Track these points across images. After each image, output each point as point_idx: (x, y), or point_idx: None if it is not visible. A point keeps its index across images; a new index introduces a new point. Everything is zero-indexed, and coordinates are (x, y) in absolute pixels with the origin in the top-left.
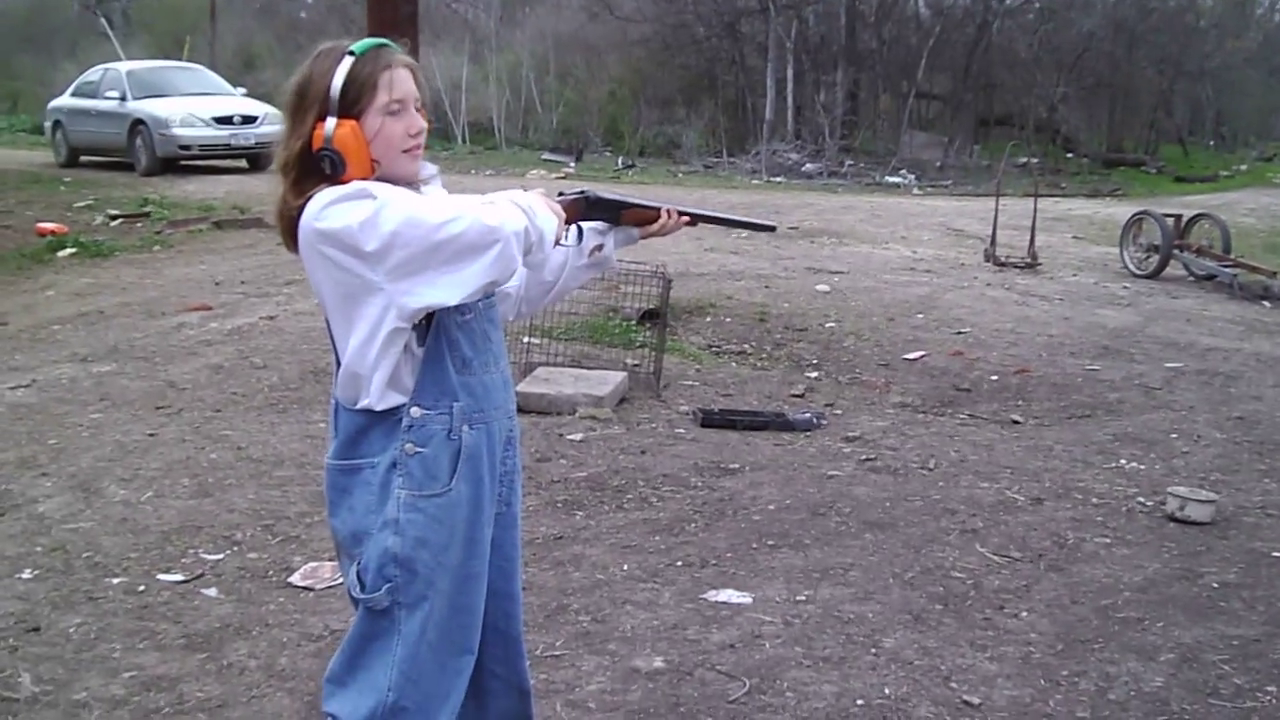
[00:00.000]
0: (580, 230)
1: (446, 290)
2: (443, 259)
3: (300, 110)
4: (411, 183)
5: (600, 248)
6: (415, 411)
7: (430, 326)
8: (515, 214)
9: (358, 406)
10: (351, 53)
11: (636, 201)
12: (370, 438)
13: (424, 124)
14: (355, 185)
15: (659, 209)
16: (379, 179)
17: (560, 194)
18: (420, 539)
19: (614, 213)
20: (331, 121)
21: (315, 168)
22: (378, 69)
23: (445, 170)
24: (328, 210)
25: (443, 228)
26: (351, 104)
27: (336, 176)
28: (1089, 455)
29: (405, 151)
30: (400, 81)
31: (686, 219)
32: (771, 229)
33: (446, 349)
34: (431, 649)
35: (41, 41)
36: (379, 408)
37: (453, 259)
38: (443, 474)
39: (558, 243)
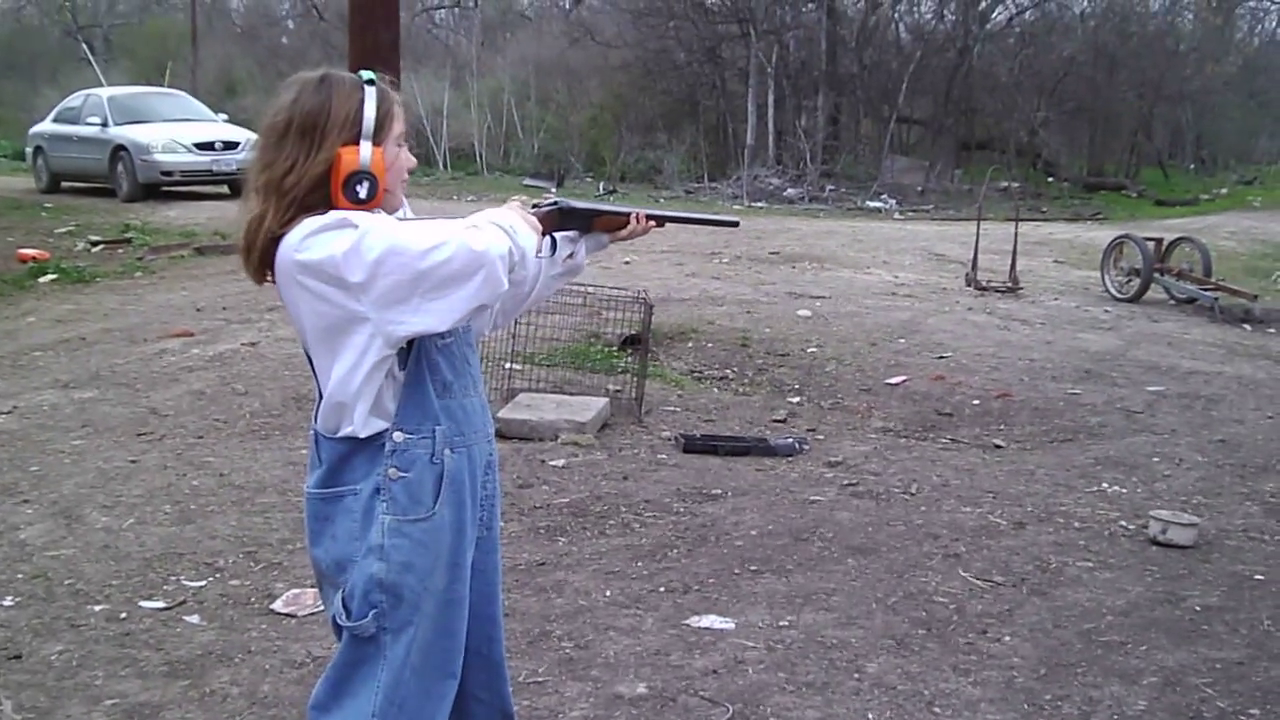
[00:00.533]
0: (554, 241)
1: (433, 317)
2: (429, 286)
3: (315, 134)
4: (394, 213)
5: (571, 255)
6: (398, 436)
7: (411, 351)
8: (498, 236)
9: (340, 434)
10: (371, 82)
11: (607, 209)
12: (353, 464)
13: (414, 159)
14: (335, 215)
15: (628, 214)
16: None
17: (535, 205)
18: (406, 564)
19: (586, 221)
20: (368, 146)
21: (323, 195)
22: (392, 100)
23: (427, 197)
24: (309, 241)
25: (427, 255)
26: (376, 132)
27: (369, 202)
28: (1071, 479)
29: (402, 182)
30: (402, 114)
31: (654, 222)
32: (735, 224)
33: (428, 373)
34: (416, 674)
35: (22, 67)
36: (363, 434)
37: (439, 286)
38: (426, 498)
39: (535, 254)
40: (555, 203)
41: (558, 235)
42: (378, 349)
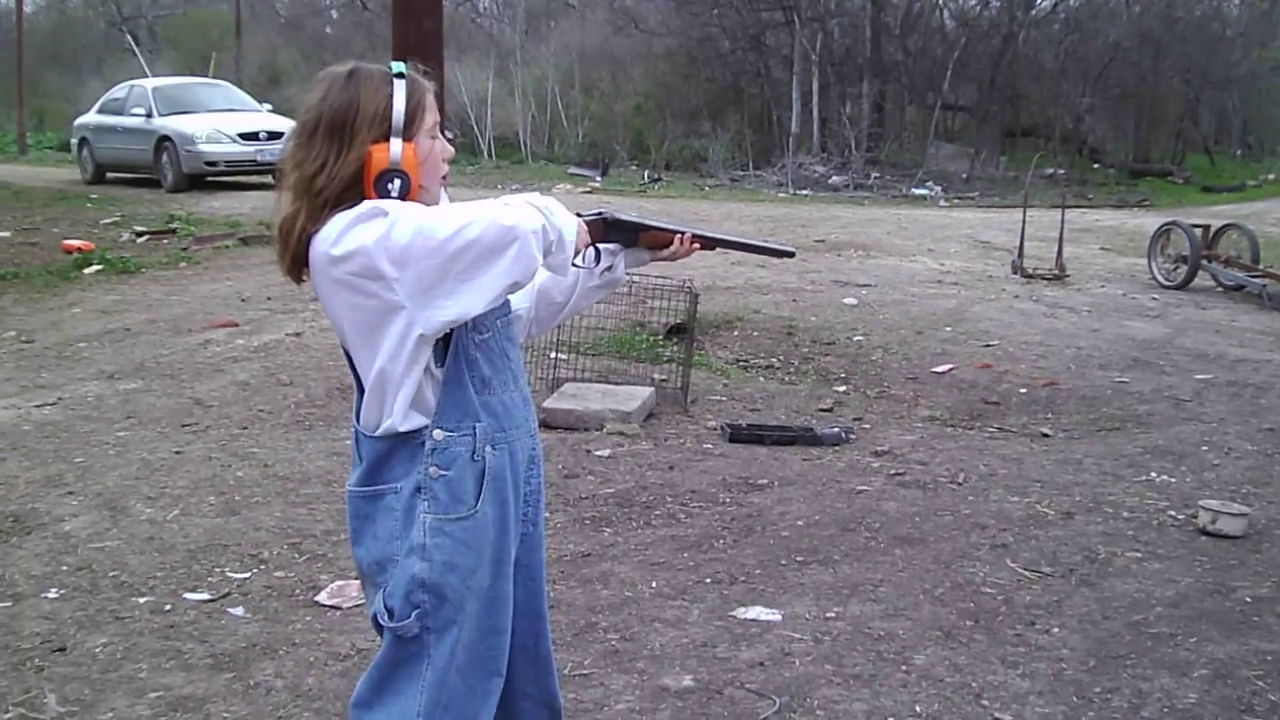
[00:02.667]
0: (599, 252)
1: (469, 298)
2: (461, 267)
3: (344, 132)
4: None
5: (610, 268)
6: (438, 434)
7: (449, 347)
8: (531, 213)
9: (380, 430)
10: (401, 75)
11: (655, 224)
12: (393, 463)
13: (451, 149)
14: (368, 205)
15: (675, 233)
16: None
17: (579, 215)
18: (448, 563)
19: (632, 235)
20: (398, 143)
21: (356, 193)
22: (423, 90)
23: (472, 185)
24: (341, 235)
25: (457, 235)
26: (407, 125)
27: (404, 198)
28: (1119, 468)
29: (440, 176)
30: (435, 104)
31: (699, 244)
32: (790, 254)
33: (465, 369)
34: (460, 673)
35: (68, 59)
36: (402, 428)
37: (471, 265)
38: (468, 496)
39: (576, 261)
40: (600, 212)
41: (601, 247)
42: (415, 337)
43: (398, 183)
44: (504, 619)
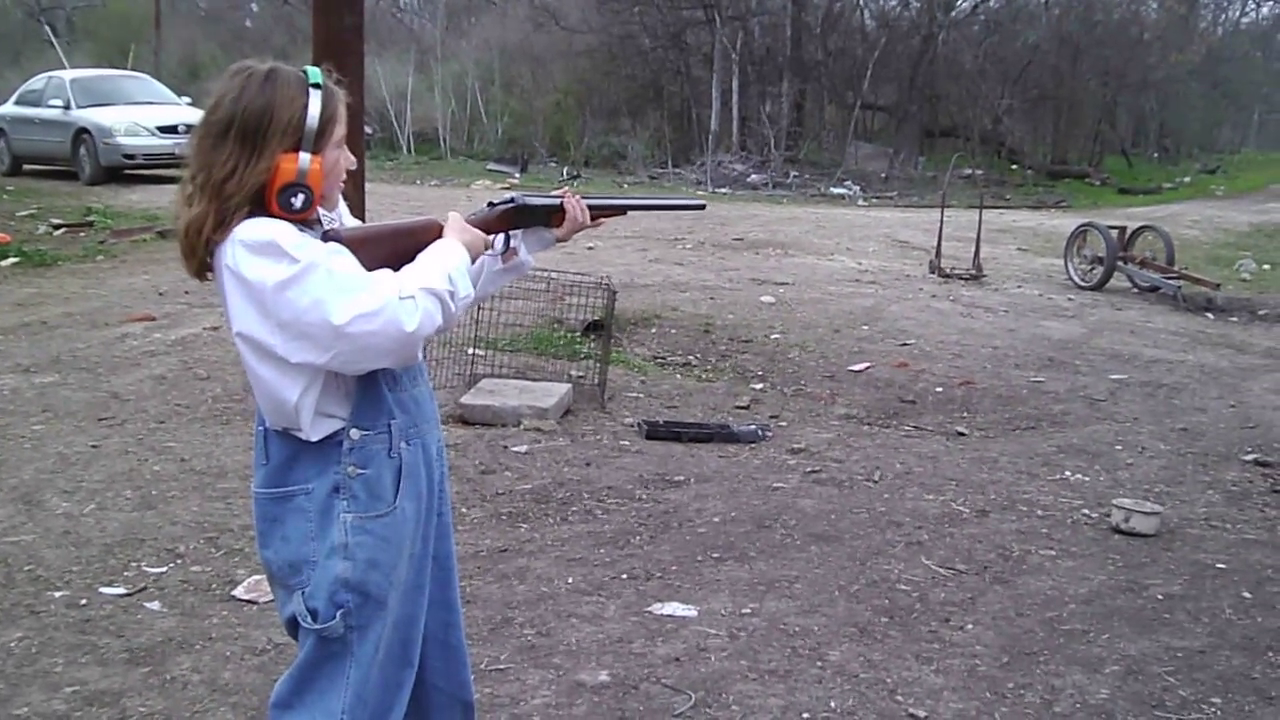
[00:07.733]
0: (507, 238)
1: (338, 365)
2: (346, 348)
3: (256, 139)
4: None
5: (516, 251)
6: (355, 434)
7: None
8: (434, 306)
9: (291, 432)
10: (316, 85)
11: (564, 202)
12: (302, 462)
13: (354, 159)
14: (269, 238)
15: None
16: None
17: (490, 204)
18: (371, 561)
19: (544, 217)
20: (306, 157)
21: (263, 200)
22: (336, 102)
23: (391, 181)
24: (247, 261)
25: (354, 322)
26: (317, 138)
27: (305, 211)
28: (1034, 467)
29: (339, 184)
30: (345, 115)
31: (608, 213)
32: (701, 207)
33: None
34: (379, 667)
35: None
36: (315, 438)
37: (355, 352)
38: (387, 493)
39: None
40: (511, 199)
41: (515, 233)
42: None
43: (301, 197)
44: (418, 609)
